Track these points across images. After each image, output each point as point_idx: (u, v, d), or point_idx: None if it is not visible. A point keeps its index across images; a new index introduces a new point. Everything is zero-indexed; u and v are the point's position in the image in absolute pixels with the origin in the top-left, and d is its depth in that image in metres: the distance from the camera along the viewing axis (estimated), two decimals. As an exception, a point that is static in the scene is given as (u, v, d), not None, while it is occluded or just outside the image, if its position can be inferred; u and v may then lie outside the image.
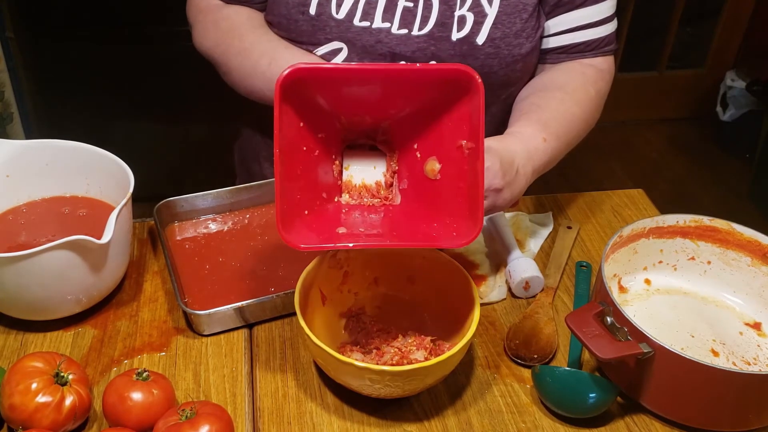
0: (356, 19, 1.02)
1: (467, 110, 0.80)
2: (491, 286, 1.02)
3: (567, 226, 1.13)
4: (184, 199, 1.08)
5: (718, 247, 0.99)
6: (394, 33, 1.03)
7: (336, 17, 1.02)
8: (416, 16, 1.02)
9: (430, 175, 0.85)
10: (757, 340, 0.94)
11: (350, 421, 0.85)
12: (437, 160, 0.84)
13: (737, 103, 3.01)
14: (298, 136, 0.82)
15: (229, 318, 0.94)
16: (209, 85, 1.29)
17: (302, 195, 0.83)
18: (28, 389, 0.77)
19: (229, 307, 0.92)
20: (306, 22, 1.03)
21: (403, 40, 1.03)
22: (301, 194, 0.83)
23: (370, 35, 1.03)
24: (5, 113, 2.21)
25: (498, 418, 0.86)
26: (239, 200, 1.11)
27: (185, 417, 0.76)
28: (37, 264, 0.85)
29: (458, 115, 0.81)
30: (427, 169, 0.85)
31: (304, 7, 1.03)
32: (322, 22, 1.03)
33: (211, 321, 0.93)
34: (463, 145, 0.81)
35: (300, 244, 0.78)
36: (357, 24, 1.02)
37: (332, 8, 1.02)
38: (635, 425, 0.86)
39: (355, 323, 0.94)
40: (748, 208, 2.75)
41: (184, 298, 0.95)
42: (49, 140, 1.03)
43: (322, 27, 1.03)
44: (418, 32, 1.02)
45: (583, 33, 1.09)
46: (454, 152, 0.82)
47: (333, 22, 1.03)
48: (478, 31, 1.02)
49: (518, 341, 0.93)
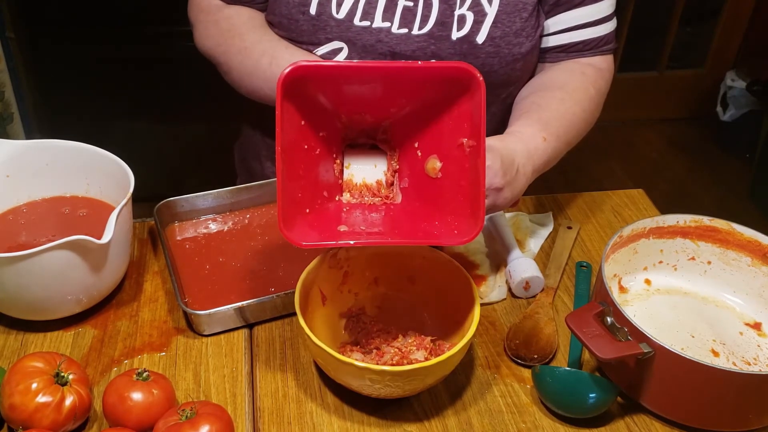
0: (356, 19, 1.02)
1: (468, 108, 0.80)
2: (491, 286, 1.02)
3: (567, 226, 1.13)
4: (184, 199, 1.08)
5: (718, 247, 0.99)
6: (395, 32, 1.03)
7: (336, 17, 1.03)
8: (416, 16, 1.02)
9: (431, 173, 0.85)
10: (757, 340, 0.94)
11: (350, 421, 0.85)
12: (438, 158, 0.84)
13: (737, 103, 3.01)
14: (300, 135, 0.82)
15: (229, 318, 0.94)
16: (209, 85, 1.29)
17: (303, 193, 0.83)
18: (28, 389, 0.77)
19: (229, 307, 0.92)
20: (306, 21, 1.04)
21: (403, 40, 1.03)
22: (303, 193, 0.83)
23: (371, 35, 1.03)
24: (5, 113, 2.21)
25: (498, 418, 0.86)
26: (239, 200, 1.11)
27: (185, 417, 0.76)
28: (37, 264, 0.85)
29: (459, 113, 0.81)
30: (428, 167, 0.85)
31: (304, 7, 1.03)
32: (322, 21, 1.03)
33: (211, 321, 0.93)
34: (464, 143, 0.81)
35: (301, 242, 0.78)
36: (357, 24, 1.03)
37: (332, 8, 1.02)
38: (635, 425, 0.86)
39: (355, 323, 0.94)
40: (748, 208, 2.75)
41: (184, 298, 0.95)
42: (49, 140, 1.02)
43: (322, 27, 1.03)
44: (418, 31, 1.03)
45: (582, 32, 1.09)
46: (455, 150, 0.82)
47: (333, 21, 1.03)
48: (478, 30, 1.02)
49: (518, 341, 0.93)
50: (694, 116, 3.26)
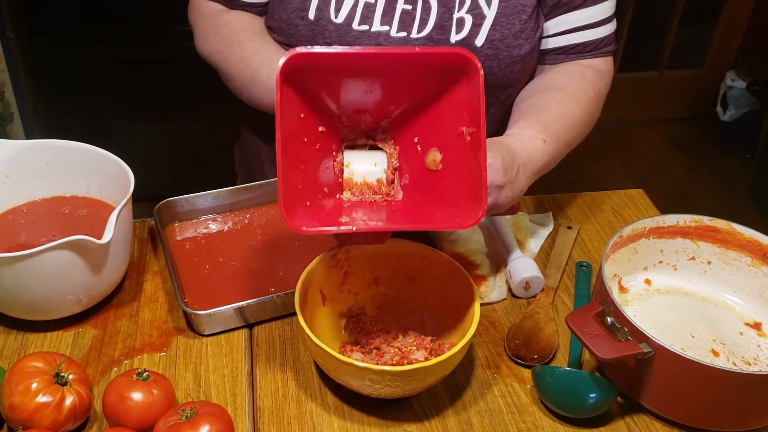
0: (355, 23, 1.02)
1: (466, 95, 0.80)
2: (491, 286, 1.02)
3: (567, 226, 1.13)
4: (184, 199, 1.08)
5: (718, 247, 0.99)
6: (393, 36, 1.03)
7: (335, 22, 1.02)
8: (415, 19, 1.02)
9: (431, 166, 0.85)
10: (758, 340, 0.94)
11: (350, 421, 0.85)
12: (438, 150, 0.84)
13: (737, 103, 3.01)
14: (300, 127, 0.82)
15: (229, 318, 0.94)
16: (209, 85, 1.29)
17: (304, 185, 0.83)
18: (28, 389, 0.77)
19: (229, 307, 0.92)
20: (305, 27, 1.03)
21: (401, 43, 1.03)
22: (303, 185, 0.83)
23: (369, 39, 1.03)
24: (5, 113, 2.21)
25: (498, 418, 0.86)
26: (239, 200, 1.11)
27: (185, 417, 0.76)
28: (37, 264, 0.85)
29: (458, 101, 0.81)
30: (429, 160, 0.85)
31: (303, 12, 1.03)
32: (321, 26, 1.03)
33: (211, 321, 0.93)
34: (464, 131, 0.81)
35: (302, 227, 0.78)
36: (356, 28, 1.03)
37: (331, 12, 1.02)
38: (635, 425, 0.86)
39: (355, 323, 0.94)
40: (748, 208, 2.75)
41: (184, 298, 0.95)
42: (49, 140, 1.03)
43: (321, 31, 1.03)
44: (417, 35, 1.03)
45: (582, 34, 1.09)
46: (455, 140, 0.82)
47: (332, 26, 1.03)
48: (477, 33, 1.02)
49: (518, 341, 0.93)
50: (694, 116, 3.26)
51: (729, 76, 3.05)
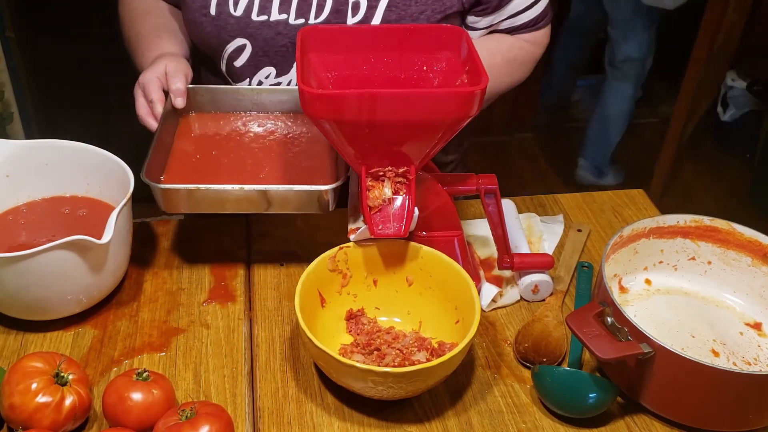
0: (254, 14, 1.05)
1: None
2: (506, 289, 1.01)
3: (577, 229, 1.12)
4: (205, 89, 1.10)
5: (718, 247, 0.99)
6: (292, 23, 1.05)
7: (234, 14, 1.06)
8: (311, 6, 1.05)
9: None
10: (758, 341, 0.94)
11: (350, 422, 0.85)
12: None
13: (737, 103, 3.01)
14: None
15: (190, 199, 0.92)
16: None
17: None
18: (28, 389, 0.77)
19: (185, 187, 0.91)
20: (209, 23, 1.07)
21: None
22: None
23: (269, 28, 1.06)
24: (5, 113, 2.21)
25: (498, 418, 0.86)
26: (261, 102, 1.11)
27: (185, 417, 0.76)
28: (37, 264, 0.85)
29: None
30: None
31: (205, 9, 1.07)
32: (222, 21, 1.06)
33: (171, 197, 0.91)
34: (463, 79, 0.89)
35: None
36: (255, 19, 1.05)
37: (230, 6, 1.06)
38: (635, 425, 0.86)
39: (355, 325, 0.94)
40: (748, 208, 2.75)
41: (160, 174, 0.96)
42: (49, 140, 1.03)
43: (223, 26, 1.07)
44: (315, 20, 1.05)
45: (516, 18, 1.12)
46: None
47: (232, 19, 1.06)
48: (372, 15, 1.04)
49: (527, 345, 0.92)
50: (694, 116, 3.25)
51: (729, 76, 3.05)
